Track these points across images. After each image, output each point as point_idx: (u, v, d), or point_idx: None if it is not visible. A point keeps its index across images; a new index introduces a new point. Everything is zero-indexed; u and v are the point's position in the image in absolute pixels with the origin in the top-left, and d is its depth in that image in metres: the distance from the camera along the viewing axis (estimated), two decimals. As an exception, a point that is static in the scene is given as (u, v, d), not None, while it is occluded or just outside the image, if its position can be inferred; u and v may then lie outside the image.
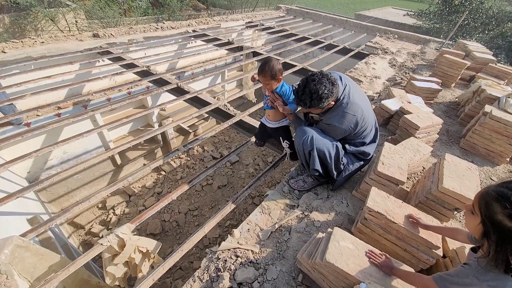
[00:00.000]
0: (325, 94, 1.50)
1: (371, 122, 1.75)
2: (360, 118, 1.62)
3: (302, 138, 1.69)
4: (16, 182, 3.61)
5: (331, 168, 1.78)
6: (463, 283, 0.87)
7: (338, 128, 1.64)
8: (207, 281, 1.37)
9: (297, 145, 1.77)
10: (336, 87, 1.54)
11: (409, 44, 6.73)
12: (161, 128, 2.83)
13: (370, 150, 1.85)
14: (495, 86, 3.32)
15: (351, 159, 1.84)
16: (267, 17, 8.10)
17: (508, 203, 0.74)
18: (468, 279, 0.85)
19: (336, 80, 1.56)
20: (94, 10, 9.11)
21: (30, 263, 1.47)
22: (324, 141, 1.68)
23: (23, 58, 3.76)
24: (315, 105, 1.54)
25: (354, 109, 1.59)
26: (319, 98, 1.50)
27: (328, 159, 1.72)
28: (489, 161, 2.66)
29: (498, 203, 0.76)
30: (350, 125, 1.63)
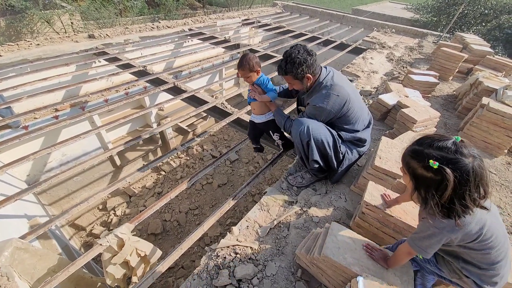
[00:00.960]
0: (297, 59, 1.59)
1: (359, 106, 1.75)
2: (344, 99, 1.64)
3: (298, 130, 1.68)
4: (16, 185, 3.61)
5: (331, 157, 1.77)
6: (428, 236, 0.95)
7: (322, 109, 1.65)
8: (206, 278, 1.38)
9: (295, 138, 1.76)
10: (312, 58, 1.62)
11: (407, 38, 6.71)
12: (159, 127, 2.83)
13: (365, 136, 1.84)
14: (492, 78, 3.32)
15: (349, 147, 1.83)
16: (263, 14, 8.06)
17: (421, 158, 0.86)
18: (430, 231, 0.94)
19: (315, 55, 1.65)
20: (89, 11, 9.06)
21: (30, 264, 1.48)
22: (321, 130, 1.68)
23: (19, 61, 3.75)
24: (289, 70, 1.64)
25: (337, 90, 1.63)
26: (292, 62, 1.61)
27: (327, 149, 1.71)
28: (487, 153, 2.66)
29: (414, 160, 0.89)
30: (334, 106, 1.64)
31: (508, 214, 2.00)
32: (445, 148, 0.83)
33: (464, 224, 0.88)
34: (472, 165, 0.80)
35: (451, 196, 0.83)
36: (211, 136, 6.68)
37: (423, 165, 0.86)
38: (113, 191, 4.84)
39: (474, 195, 0.83)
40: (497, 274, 0.98)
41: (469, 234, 0.90)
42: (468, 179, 0.80)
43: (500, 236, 0.93)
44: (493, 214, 0.95)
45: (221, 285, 1.33)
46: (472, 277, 1.02)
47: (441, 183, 0.83)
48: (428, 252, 0.97)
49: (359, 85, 3.88)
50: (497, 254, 0.94)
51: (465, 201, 0.83)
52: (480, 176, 0.82)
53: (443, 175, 0.81)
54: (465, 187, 0.81)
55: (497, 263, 0.96)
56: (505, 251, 0.97)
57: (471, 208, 0.85)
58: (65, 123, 2.66)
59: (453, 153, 0.82)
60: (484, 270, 0.98)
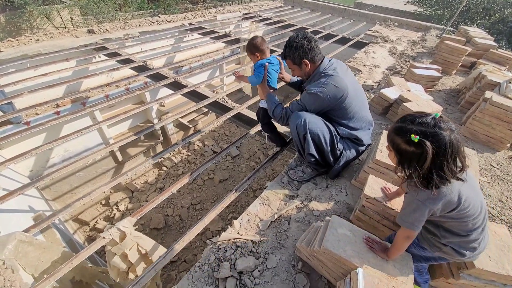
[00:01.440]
0: (295, 42, 1.63)
1: (359, 103, 1.73)
2: (341, 90, 1.61)
3: (295, 123, 1.68)
4: (19, 181, 3.65)
5: (328, 153, 1.76)
6: (413, 210, 1.01)
7: (316, 96, 1.62)
8: (208, 270, 1.40)
9: (292, 130, 1.74)
10: (311, 43, 1.63)
11: (410, 32, 6.62)
12: (160, 122, 2.83)
13: (363, 137, 1.82)
14: (496, 72, 3.28)
15: (347, 144, 1.82)
16: (264, 8, 7.97)
17: (404, 133, 0.93)
18: (414, 204, 1.01)
19: (315, 41, 1.66)
20: (88, 6, 8.99)
21: (34, 257, 1.50)
22: (318, 125, 1.67)
23: (19, 56, 3.75)
24: (288, 53, 1.69)
25: (337, 81, 1.61)
26: (290, 45, 1.65)
27: (323, 144, 1.71)
28: (489, 147, 2.64)
29: (398, 136, 0.96)
30: (329, 95, 1.61)
31: (510, 208, 2.00)
32: (425, 123, 0.90)
33: (443, 194, 0.95)
34: (449, 137, 0.87)
35: (430, 167, 0.90)
36: (212, 131, 6.68)
37: (405, 140, 0.93)
38: (115, 186, 4.85)
39: (451, 166, 0.90)
40: (475, 239, 1.05)
41: (449, 204, 0.96)
42: (445, 150, 0.88)
43: (476, 205, 1.00)
44: (470, 185, 1.00)
45: (222, 277, 1.34)
46: (451, 244, 1.09)
47: (421, 156, 0.90)
48: (416, 226, 1.03)
49: (361, 79, 3.85)
50: (474, 222, 1.01)
51: (442, 171, 0.90)
52: (456, 148, 0.89)
53: (423, 148, 0.88)
54: (443, 158, 0.88)
55: (474, 230, 1.03)
56: (482, 219, 1.03)
57: (448, 178, 0.91)
58: (66, 118, 2.67)
59: (432, 127, 0.89)
60: (463, 237, 1.05)
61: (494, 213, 1.93)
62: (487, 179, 2.26)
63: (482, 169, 2.37)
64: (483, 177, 2.27)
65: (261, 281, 1.36)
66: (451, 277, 1.24)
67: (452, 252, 1.10)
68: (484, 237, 1.08)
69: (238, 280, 1.35)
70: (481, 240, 1.07)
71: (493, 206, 2.00)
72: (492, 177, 2.30)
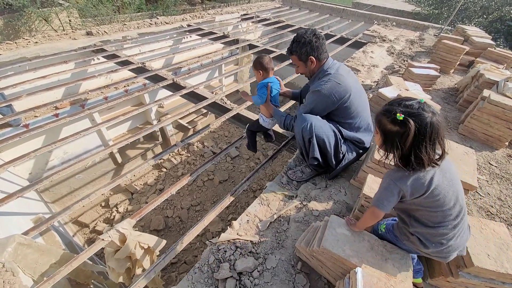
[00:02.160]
0: (303, 38, 1.63)
1: (361, 103, 1.74)
2: (344, 88, 1.63)
3: (301, 126, 1.67)
4: (18, 184, 3.64)
5: (331, 157, 1.77)
6: (383, 188, 1.08)
7: (321, 94, 1.63)
8: (208, 271, 1.40)
9: (297, 133, 1.74)
10: (319, 41, 1.65)
11: (408, 31, 6.64)
12: (159, 123, 2.83)
13: (365, 138, 1.83)
14: (493, 70, 3.29)
15: (349, 147, 1.82)
16: (262, 9, 7.98)
17: (389, 114, 0.98)
18: (385, 183, 1.07)
19: (323, 39, 1.68)
20: (87, 8, 9.00)
21: (32, 259, 1.50)
22: (324, 128, 1.67)
23: (18, 59, 3.75)
24: (295, 49, 1.68)
25: (340, 79, 1.64)
26: (298, 41, 1.65)
27: (328, 147, 1.71)
28: (488, 145, 2.65)
29: (384, 116, 1.01)
30: (334, 93, 1.61)
31: (509, 206, 2.00)
32: (410, 105, 0.96)
33: (415, 176, 0.99)
34: (431, 119, 0.93)
35: (410, 147, 0.95)
36: (212, 132, 6.68)
37: (391, 119, 0.97)
38: (115, 188, 4.85)
39: (429, 147, 0.94)
40: (443, 234, 1.05)
41: (419, 187, 1.00)
42: (426, 130, 0.92)
43: (448, 197, 1.01)
44: (446, 177, 1.02)
45: (222, 278, 1.34)
46: (418, 234, 1.11)
47: (404, 134, 0.95)
48: (384, 204, 1.07)
49: (359, 79, 3.86)
50: (444, 215, 1.03)
51: (420, 152, 0.94)
52: (436, 130, 0.93)
53: (406, 126, 0.93)
54: (423, 138, 0.93)
55: (443, 223, 1.04)
56: (455, 215, 1.04)
57: (425, 161, 0.95)
58: (65, 121, 2.67)
59: (416, 109, 0.95)
60: (430, 228, 1.07)
61: (493, 211, 1.94)
62: (485, 178, 2.27)
63: (481, 168, 2.37)
64: (481, 176, 2.28)
65: (260, 281, 1.36)
66: (450, 276, 1.24)
67: (417, 242, 1.12)
68: (457, 236, 1.07)
69: (238, 281, 1.35)
70: (451, 237, 1.06)
71: (492, 205, 2.00)
72: (491, 175, 2.30)
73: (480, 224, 1.42)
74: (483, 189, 2.14)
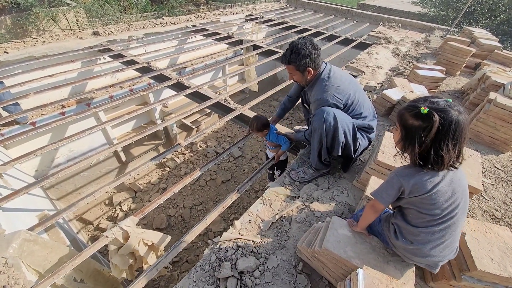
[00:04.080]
0: (303, 50, 1.63)
1: (361, 96, 1.78)
2: (345, 89, 1.67)
3: (322, 117, 1.62)
4: (25, 180, 3.70)
5: (350, 145, 1.75)
6: (386, 181, 1.08)
7: (324, 100, 1.66)
8: (209, 270, 1.41)
9: (318, 127, 1.68)
10: (316, 53, 1.66)
11: (413, 33, 6.59)
12: (163, 122, 2.85)
13: (373, 124, 1.85)
14: (500, 72, 3.24)
15: (361, 134, 1.83)
16: (267, 10, 7.99)
17: (413, 108, 0.96)
18: (389, 177, 1.07)
19: (320, 49, 1.70)
20: (94, 8, 9.11)
21: (41, 256, 1.52)
22: (343, 116, 1.67)
23: (25, 57, 3.81)
24: (293, 60, 1.67)
25: (336, 82, 1.68)
26: (297, 52, 1.64)
27: (348, 136, 1.70)
28: (493, 149, 2.62)
29: (407, 111, 0.99)
30: (335, 94, 1.65)
31: (514, 210, 1.98)
32: (436, 102, 0.94)
33: (422, 176, 0.98)
34: (457, 117, 0.89)
35: (430, 144, 0.93)
36: (215, 132, 6.70)
37: (414, 113, 0.95)
38: (119, 186, 4.89)
39: (450, 147, 0.91)
40: (418, 235, 1.06)
41: (420, 188, 0.98)
42: (449, 128, 0.89)
43: (443, 206, 0.99)
44: (451, 186, 0.99)
45: (223, 277, 1.35)
46: (396, 226, 1.14)
47: (425, 129, 0.92)
48: (383, 196, 1.07)
49: (364, 80, 3.84)
50: (430, 220, 1.02)
51: (441, 150, 0.91)
52: (461, 129, 0.90)
53: (430, 120, 0.90)
54: (445, 135, 0.90)
55: (424, 228, 1.04)
56: (443, 227, 1.01)
57: (445, 160, 0.93)
58: (71, 119, 2.71)
59: (442, 106, 0.92)
60: (410, 226, 1.08)
61: (497, 215, 1.91)
62: (491, 181, 2.24)
63: (486, 171, 2.35)
64: (487, 179, 2.25)
65: (261, 281, 1.36)
66: (453, 279, 1.23)
67: (391, 231, 1.15)
68: (433, 246, 1.05)
69: (239, 280, 1.36)
70: (424, 242, 1.05)
71: (497, 209, 1.98)
72: (496, 179, 2.27)
73: (484, 228, 1.41)
74: (488, 193, 2.11)
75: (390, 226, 1.17)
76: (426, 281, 1.38)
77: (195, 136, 2.69)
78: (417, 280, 1.38)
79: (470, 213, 1.93)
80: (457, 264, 1.25)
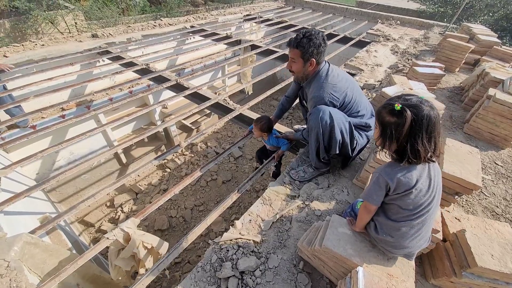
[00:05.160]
0: (315, 38, 1.62)
1: (359, 94, 1.79)
2: (342, 88, 1.68)
3: (318, 116, 1.62)
4: (26, 184, 3.71)
5: (347, 144, 1.75)
6: (373, 182, 1.11)
7: (320, 98, 1.67)
8: (210, 270, 1.41)
9: (314, 126, 1.68)
10: (325, 46, 1.67)
11: (412, 30, 6.58)
12: (163, 124, 2.86)
13: (371, 122, 1.85)
14: (499, 68, 3.24)
15: (359, 133, 1.83)
16: (265, 9, 7.99)
17: (389, 105, 1.01)
18: (375, 177, 1.10)
19: (327, 46, 1.71)
20: (92, 10, 9.12)
21: (40, 259, 1.53)
22: (339, 115, 1.67)
23: (25, 61, 3.82)
24: (303, 44, 1.64)
25: (333, 80, 1.69)
26: (309, 38, 1.63)
27: (345, 135, 1.71)
28: (493, 145, 2.62)
29: (384, 109, 1.04)
30: (332, 93, 1.66)
31: (515, 206, 1.98)
32: (409, 99, 0.99)
33: (404, 172, 1.01)
34: (428, 112, 0.94)
35: (406, 139, 0.97)
36: (215, 133, 6.71)
37: (390, 110, 1.00)
38: (120, 188, 4.90)
39: (425, 141, 0.96)
40: (398, 229, 1.10)
41: (403, 184, 1.02)
42: (422, 122, 0.94)
43: (420, 202, 1.03)
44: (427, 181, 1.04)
45: (224, 277, 1.36)
46: (376, 221, 1.17)
47: (400, 124, 0.97)
48: (374, 198, 1.11)
49: (363, 78, 3.84)
50: (408, 215, 1.06)
51: (417, 144, 0.96)
52: (433, 124, 0.95)
53: (403, 116, 0.95)
54: (419, 129, 0.95)
55: (403, 222, 1.08)
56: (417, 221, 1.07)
57: (421, 153, 0.97)
58: (71, 122, 2.71)
59: (414, 102, 0.97)
60: (390, 221, 1.12)
61: (498, 212, 1.91)
62: (491, 177, 2.24)
63: (486, 167, 2.34)
64: (487, 175, 2.25)
65: (262, 280, 1.36)
66: (454, 276, 1.24)
67: (372, 226, 1.18)
68: (410, 238, 1.10)
69: (240, 280, 1.36)
70: (403, 235, 1.09)
71: (497, 205, 1.97)
72: (497, 175, 2.27)
73: (485, 224, 1.41)
74: (488, 189, 2.11)
75: (371, 223, 1.20)
76: (427, 278, 1.38)
77: (195, 137, 2.70)
78: (418, 277, 1.39)
79: (471, 209, 1.93)
80: (457, 260, 1.25)
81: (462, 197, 1.98)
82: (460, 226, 1.41)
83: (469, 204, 1.96)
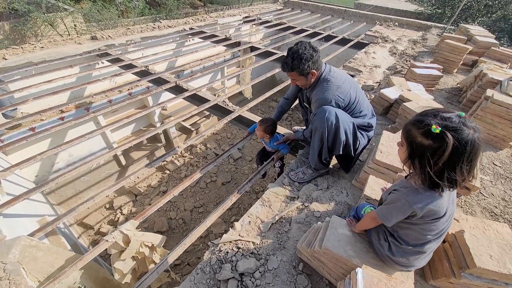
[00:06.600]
0: (304, 55, 1.62)
1: (361, 95, 1.80)
2: (346, 89, 1.69)
3: (324, 115, 1.62)
4: (25, 186, 3.70)
5: (350, 145, 1.75)
6: (396, 207, 0.99)
7: (326, 99, 1.68)
8: (209, 272, 1.41)
9: (320, 126, 1.67)
10: (317, 54, 1.67)
11: (410, 31, 6.62)
12: (162, 126, 2.86)
13: (372, 121, 1.87)
14: (497, 69, 3.26)
15: (360, 133, 1.84)
16: (264, 11, 8.02)
17: (421, 125, 0.86)
18: (400, 203, 0.98)
19: (319, 51, 1.71)
20: (91, 13, 9.14)
21: (46, 262, 1.51)
22: (344, 116, 1.68)
23: (24, 63, 3.82)
24: (296, 66, 1.65)
25: (336, 82, 1.70)
26: (300, 58, 1.63)
27: (349, 135, 1.71)
28: (491, 146, 2.63)
29: (415, 127, 0.89)
30: (337, 94, 1.67)
31: (513, 207, 1.98)
32: (449, 118, 0.83)
33: (434, 200, 0.92)
34: (472, 136, 0.80)
35: (442, 167, 0.84)
36: (214, 134, 6.71)
37: (424, 131, 0.85)
38: (119, 190, 4.88)
39: (464, 169, 0.82)
40: (415, 254, 1.07)
41: (434, 212, 0.94)
42: (465, 150, 0.80)
43: (441, 227, 1.00)
44: (452, 203, 0.98)
45: (223, 279, 1.36)
46: (392, 244, 1.10)
47: (437, 150, 0.82)
48: (391, 221, 1.03)
49: (361, 80, 3.86)
50: (429, 237, 1.02)
51: (455, 173, 0.83)
52: (476, 150, 0.81)
53: (442, 141, 0.81)
54: (459, 157, 0.81)
55: (421, 245, 1.04)
56: (435, 242, 1.04)
57: (459, 183, 0.85)
58: (70, 124, 2.71)
59: (456, 123, 0.81)
60: (408, 247, 1.06)
61: (496, 212, 1.92)
62: (489, 178, 2.25)
63: (485, 168, 2.35)
64: (485, 176, 2.26)
65: (262, 282, 1.36)
66: (453, 277, 1.24)
67: (385, 246, 1.12)
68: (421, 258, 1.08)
69: (240, 282, 1.36)
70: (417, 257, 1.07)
71: (496, 205, 1.98)
72: (495, 175, 2.28)
73: (483, 225, 1.41)
74: (487, 190, 2.12)
75: (384, 243, 1.13)
76: (426, 279, 1.38)
77: (195, 139, 2.70)
78: (417, 278, 1.39)
79: (470, 210, 1.93)
80: (456, 261, 1.26)
81: (460, 198, 1.99)
82: (458, 226, 1.41)
83: (467, 204, 1.97)
